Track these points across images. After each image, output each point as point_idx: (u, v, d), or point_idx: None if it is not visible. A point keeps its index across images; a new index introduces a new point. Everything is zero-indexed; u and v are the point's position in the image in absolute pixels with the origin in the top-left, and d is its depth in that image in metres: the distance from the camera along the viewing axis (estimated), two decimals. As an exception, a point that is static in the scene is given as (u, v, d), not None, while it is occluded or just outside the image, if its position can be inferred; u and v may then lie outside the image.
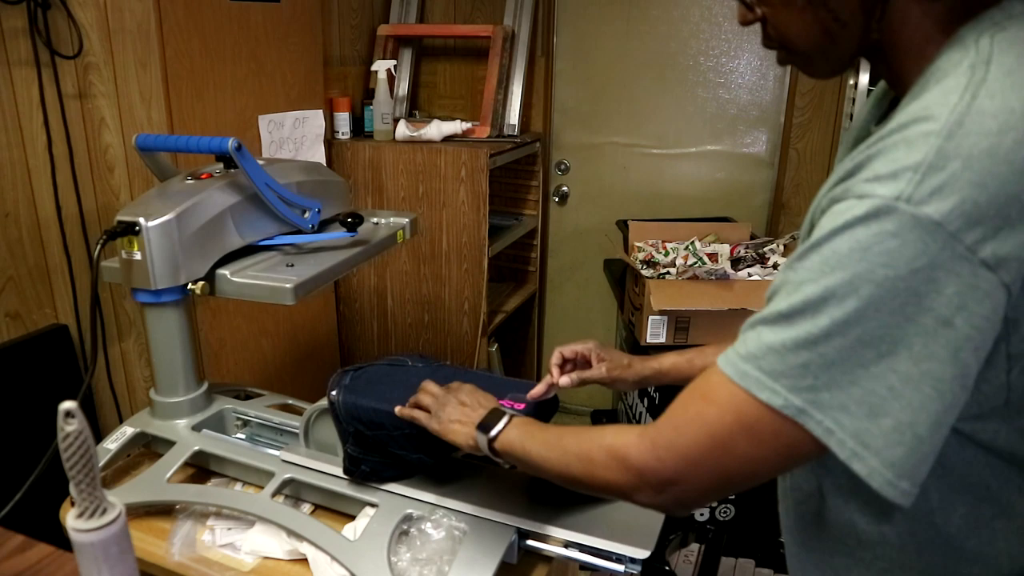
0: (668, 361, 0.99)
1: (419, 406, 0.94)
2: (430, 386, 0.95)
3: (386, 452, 1.00)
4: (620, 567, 0.91)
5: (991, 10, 0.57)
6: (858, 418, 0.52)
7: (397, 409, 0.96)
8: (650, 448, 0.62)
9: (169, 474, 1.06)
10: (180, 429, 1.14)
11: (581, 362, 1.02)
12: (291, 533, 0.98)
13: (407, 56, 2.58)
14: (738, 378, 0.57)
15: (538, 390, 1.00)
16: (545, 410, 1.03)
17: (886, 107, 0.71)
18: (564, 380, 1.00)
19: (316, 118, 2.08)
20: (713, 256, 2.03)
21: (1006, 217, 0.49)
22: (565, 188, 2.77)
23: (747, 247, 2.06)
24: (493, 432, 0.81)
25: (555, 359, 1.02)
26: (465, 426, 0.85)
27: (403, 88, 2.56)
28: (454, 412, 0.88)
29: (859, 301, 0.51)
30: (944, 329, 0.50)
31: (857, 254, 0.51)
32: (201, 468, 1.16)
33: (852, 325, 0.52)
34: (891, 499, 0.53)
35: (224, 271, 1.07)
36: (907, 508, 0.62)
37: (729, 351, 0.59)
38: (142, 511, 1.06)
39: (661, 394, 1.98)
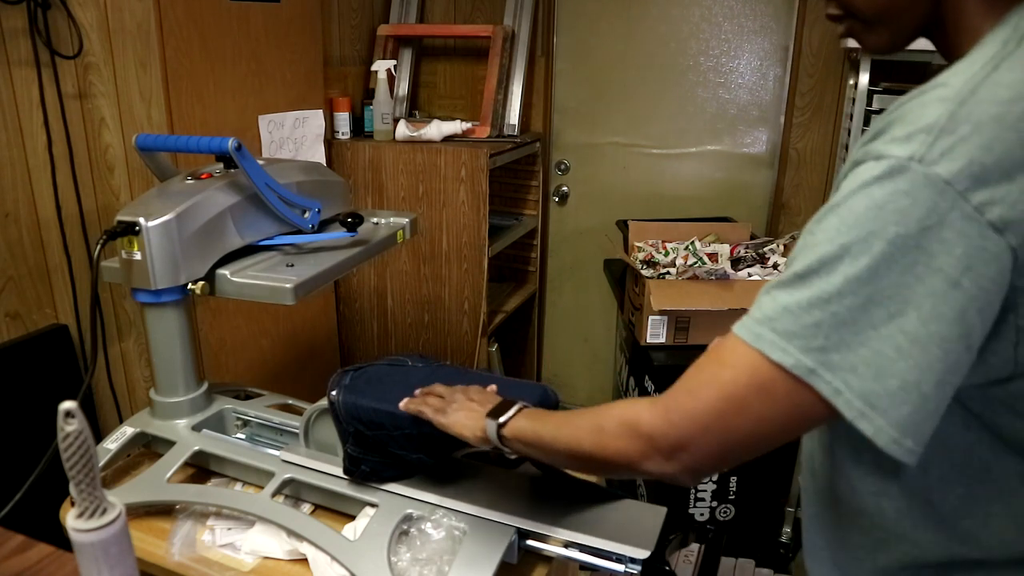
0: None
1: (426, 403, 0.94)
2: (439, 387, 0.96)
3: (386, 452, 1.00)
4: (620, 567, 0.91)
5: None
6: (866, 379, 0.53)
7: (403, 402, 0.96)
8: (663, 413, 0.62)
9: (169, 474, 1.06)
10: (180, 429, 1.14)
11: None
12: (291, 533, 0.98)
13: (407, 56, 2.58)
14: (752, 340, 0.57)
15: None
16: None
17: None
18: None
19: (316, 118, 2.08)
20: (713, 256, 2.03)
21: (1013, 181, 0.50)
22: (565, 188, 2.77)
23: (747, 247, 2.06)
24: (503, 418, 0.81)
25: None
26: (473, 418, 0.85)
27: (403, 88, 2.56)
28: (462, 408, 0.89)
29: (872, 258, 0.52)
30: (952, 290, 0.51)
31: (872, 212, 0.53)
32: (201, 468, 1.16)
33: (864, 283, 0.53)
34: (897, 457, 0.54)
35: (224, 271, 1.07)
36: (906, 483, 0.63)
37: (744, 317, 0.59)
38: (142, 511, 1.06)
39: (661, 393, 1.97)
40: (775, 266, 2.00)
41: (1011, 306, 0.53)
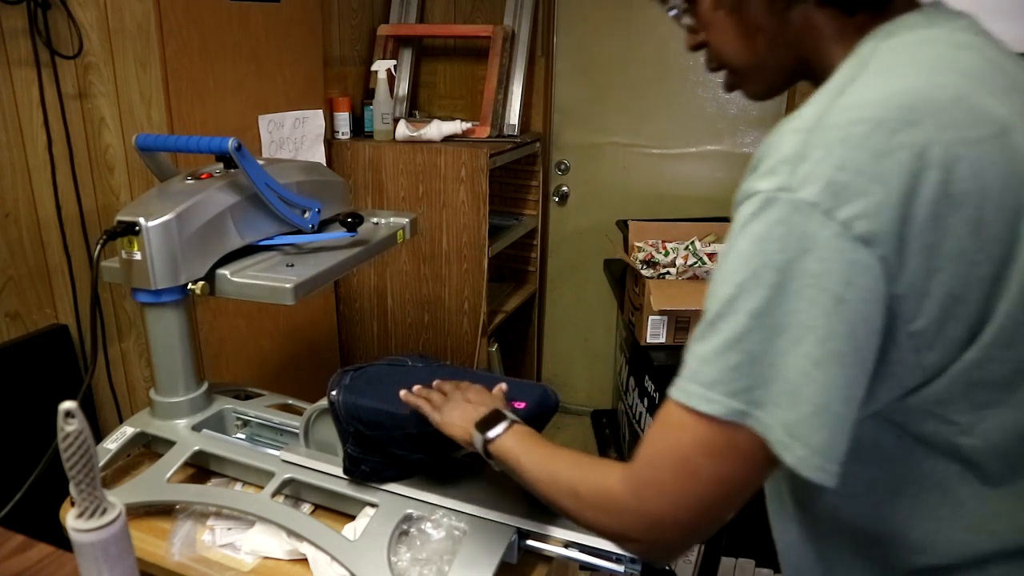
0: None
1: (426, 397, 0.94)
2: (441, 383, 0.96)
3: (386, 452, 1.00)
4: (620, 567, 0.91)
5: (890, 22, 0.62)
6: (784, 409, 0.54)
7: (403, 393, 0.96)
8: (633, 488, 0.61)
9: (169, 474, 1.06)
10: (180, 429, 1.14)
11: None
12: (291, 533, 0.98)
13: (407, 56, 2.58)
14: (683, 399, 0.58)
15: None
16: (545, 411, 1.03)
17: None
18: None
19: (316, 118, 2.08)
20: (713, 256, 2.03)
21: (869, 195, 0.52)
22: (565, 188, 2.77)
23: (747, 247, 2.05)
24: (490, 434, 0.80)
25: None
26: (465, 423, 0.85)
27: (403, 88, 2.56)
28: (457, 408, 0.88)
29: (766, 289, 0.54)
30: (839, 306, 0.53)
31: (756, 247, 0.55)
32: (201, 468, 1.16)
33: (765, 315, 0.54)
34: (820, 482, 0.54)
35: (224, 271, 1.07)
36: (856, 501, 0.65)
37: (676, 378, 0.60)
38: (142, 511, 1.06)
39: (661, 394, 1.98)
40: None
41: (895, 314, 0.55)
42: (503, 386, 0.97)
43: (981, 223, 0.54)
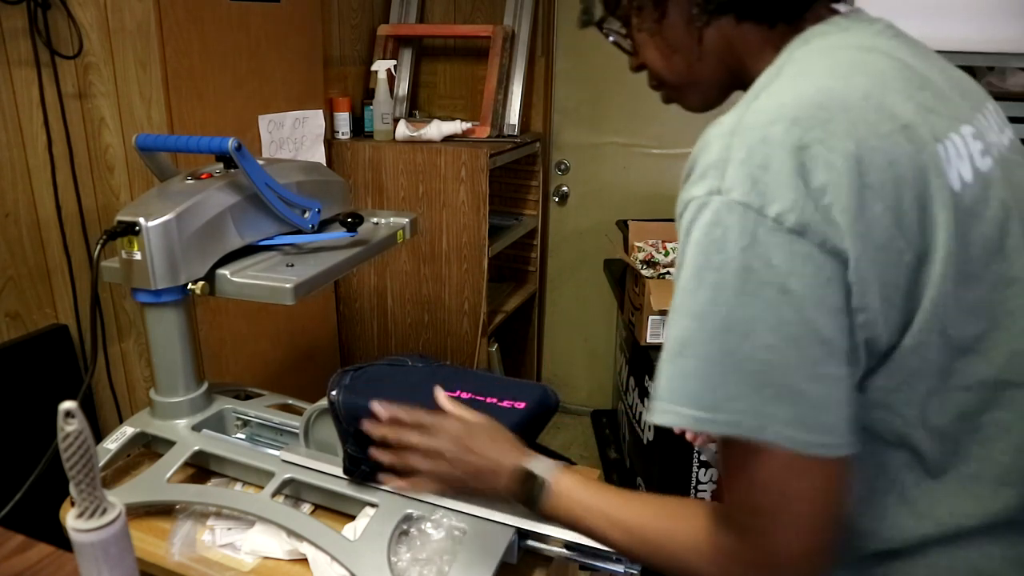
0: None
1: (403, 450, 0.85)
2: (411, 419, 0.86)
3: (386, 452, 1.00)
4: (620, 567, 0.91)
5: (806, 31, 0.66)
6: (764, 402, 0.56)
7: (375, 409, 0.89)
8: (737, 531, 0.61)
9: (169, 474, 1.06)
10: (180, 429, 1.14)
11: None
12: (291, 533, 0.98)
13: (407, 56, 2.58)
14: (669, 420, 0.58)
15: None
16: (545, 411, 1.03)
17: None
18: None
19: (316, 118, 2.08)
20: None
21: (792, 190, 0.54)
22: (565, 188, 2.77)
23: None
24: (539, 505, 0.75)
25: None
26: (494, 487, 0.79)
27: (403, 88, 2.56)
28: (463, 466, 0.80)
29: (708, 290, 0.56)
30: (784, 296, 0.54)
31: (698, 250, 0.57)
32: (201, 468, 1.16)
33: (710, 317, 0.56)
34: (827, 456, 0.56)
35: (224, 271, 1.07)
36: None
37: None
38: (142, 511, 1.06)
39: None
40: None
41: (849, 300, 0.56)
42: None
43: (901, 212, 0.56)
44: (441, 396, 0.91)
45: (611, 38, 0.78)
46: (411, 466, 0.84)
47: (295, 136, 2.01)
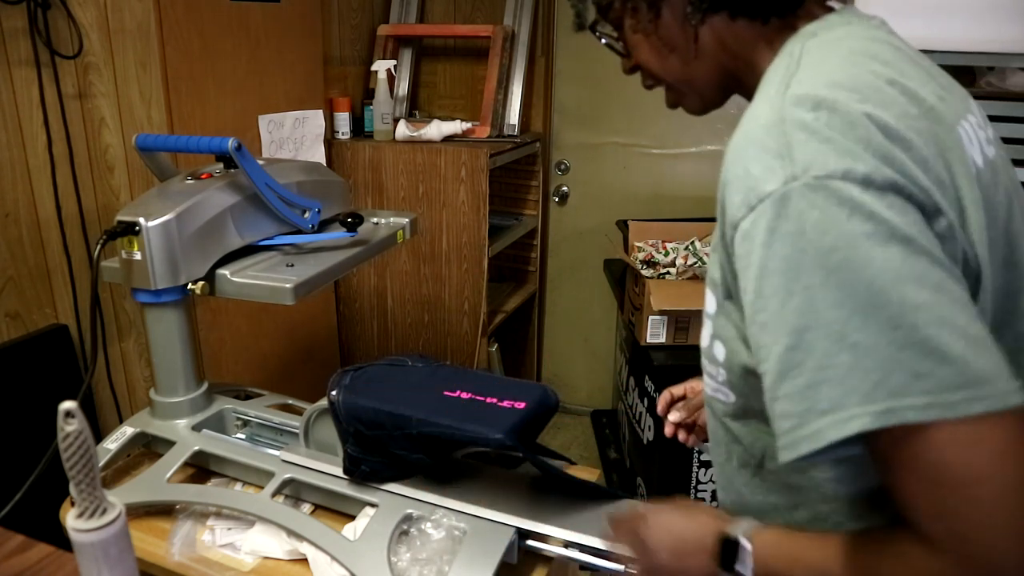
0: None
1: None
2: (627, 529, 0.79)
3: (386, 452, 1.00)
4: (620, 567, 0.91)
5: (811, 24, 0.66)
6: (919, 364, 0.50)
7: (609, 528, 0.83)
8: (939, 547, 0.52)
9: (169, 474, 1.06)
10: (180, 429, 1.14)
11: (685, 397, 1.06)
12: (291, 533, 0.98)
13: (407, 56, 2.58)
14: (890, 419, 0.50)
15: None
16: (545, 411, 1.03)
17: None
18: (674, 416, 1.05)
19: (316, 118, 2.08)
20: (713, 256, 2.03)
21: (870, 151, 0.54)
22: (565, 188, 2.77)
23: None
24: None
25: (665, 400, 1.06)
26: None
27: (403, 88, 2.56)
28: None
29: (835, 275, 0.52)
30: (910, 245, 0.52)
31: (800, 242, 0.53)
32: (201, 468, 1.16)
33: (848, 301, 0.51)
34: (1004, 408, 0.50)
35: (224, 271, 1.07)
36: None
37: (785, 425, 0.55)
38: (142, 511, 1.06)
39: (660, 393, 1.97)
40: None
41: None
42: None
43: (943, 184, 0.56)
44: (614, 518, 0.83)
45: (604, 41, 0.78)
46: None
47: (295, 136, 2.01)
